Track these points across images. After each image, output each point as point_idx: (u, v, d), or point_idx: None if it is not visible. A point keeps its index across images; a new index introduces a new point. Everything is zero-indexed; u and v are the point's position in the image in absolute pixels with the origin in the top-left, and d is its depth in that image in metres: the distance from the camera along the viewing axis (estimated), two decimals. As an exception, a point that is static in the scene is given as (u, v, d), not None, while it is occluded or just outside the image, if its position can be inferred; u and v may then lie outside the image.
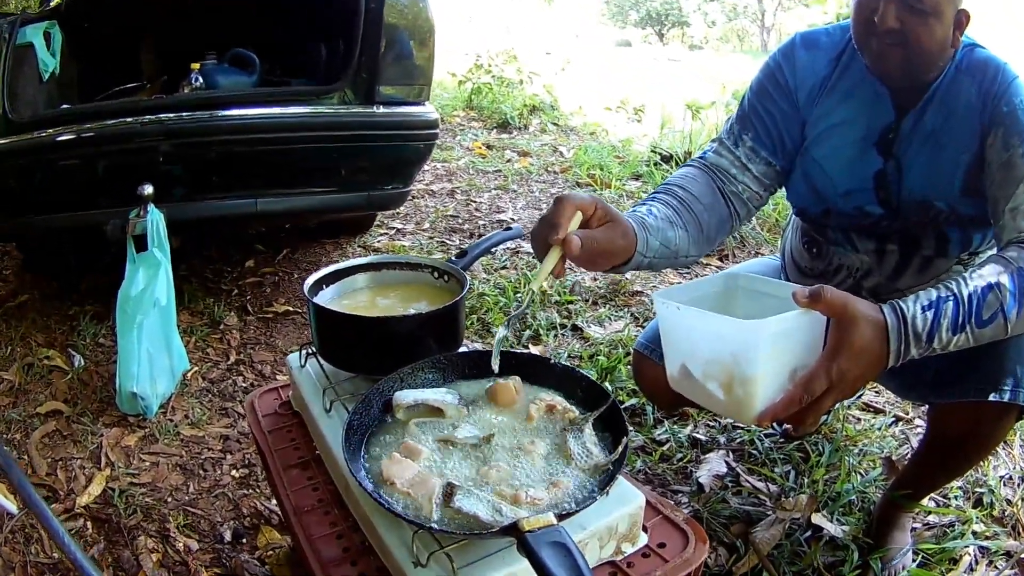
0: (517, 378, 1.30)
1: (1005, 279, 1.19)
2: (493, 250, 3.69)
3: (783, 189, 1.74)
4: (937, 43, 1.40)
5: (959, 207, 1.52)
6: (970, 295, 1.17)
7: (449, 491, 1.01)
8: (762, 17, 29.93)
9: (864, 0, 1.42)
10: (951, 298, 1.17)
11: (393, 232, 4.23)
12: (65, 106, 3.17)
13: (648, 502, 1.21)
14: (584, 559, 0.86)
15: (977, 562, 1.80)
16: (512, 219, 4.41)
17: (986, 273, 1.21)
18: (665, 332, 1.23)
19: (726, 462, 2.12)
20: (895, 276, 1.64)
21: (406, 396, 1.24)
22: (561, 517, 0.94)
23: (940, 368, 1.45)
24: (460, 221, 4.43)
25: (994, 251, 1.46)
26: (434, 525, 0.98)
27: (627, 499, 1.12)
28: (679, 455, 2.15)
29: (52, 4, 3.43)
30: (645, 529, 1.17)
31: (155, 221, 2.46)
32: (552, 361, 1.35)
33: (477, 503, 0.99)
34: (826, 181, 1.63)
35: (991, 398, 1.40)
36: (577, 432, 1.17)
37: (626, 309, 3.17)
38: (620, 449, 1.11)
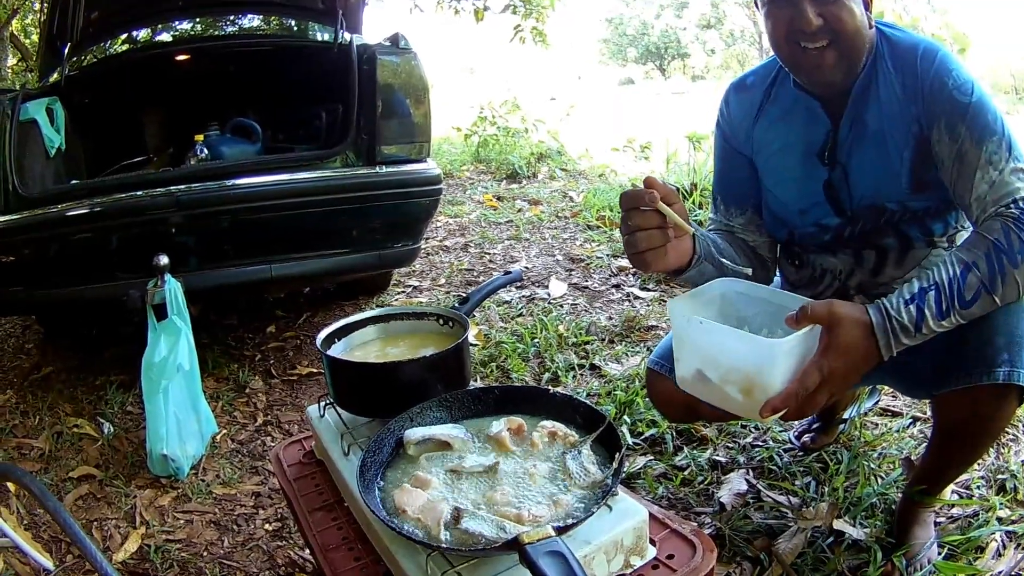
0: (519, 420, 1.36)
1: (982, 256, 1.28)
2: (509, 300, 3.76)
3: None
4: (859, 22, 1.42)
5: (911, 204, 1.55)
6: (950, 280, 1.26)
7: (456, 515, 1.08)
8: (760, 39, 30.02)
9: (780, 17, 1.44)
10: (932, 287, 1.26)
11: (410, 289, 4.29)
12: (74, 181, 3.24)
13: (656, 517, 1.27)
14: (580, 566, 0.92)
15: (1005, 547, 1.79)
16: (526, 267, 4.46)
17: (964, 255, 1.29)
18: (682, 340, 1.34)
19: (746, 480, 2.12)
20: (876, 272, 1.67)
21: (415, 433, 1.31)
22: (560, 530, 1.00)
23: (939, 361, 1.48)
24: (475, 274, 4.49)
25: (969, 231, 1.54)
26: (442, 544, 1.04)
27: (630, 514, 1.18)
28: (700, 478, 2.16)
29: (51, 80, 3.51)
30: (654, 543, 1.22)
31: (172, 290, 2.52)
32: (551, 392, 1.42)
33: (483, 524, 1.05)
34: (782, 206, 1.71)
35: (984, 381, 1.40)
36: (575, 453, 1.23)
37: (642, 344, 3.19)
38: (615, 464, 1.17)
